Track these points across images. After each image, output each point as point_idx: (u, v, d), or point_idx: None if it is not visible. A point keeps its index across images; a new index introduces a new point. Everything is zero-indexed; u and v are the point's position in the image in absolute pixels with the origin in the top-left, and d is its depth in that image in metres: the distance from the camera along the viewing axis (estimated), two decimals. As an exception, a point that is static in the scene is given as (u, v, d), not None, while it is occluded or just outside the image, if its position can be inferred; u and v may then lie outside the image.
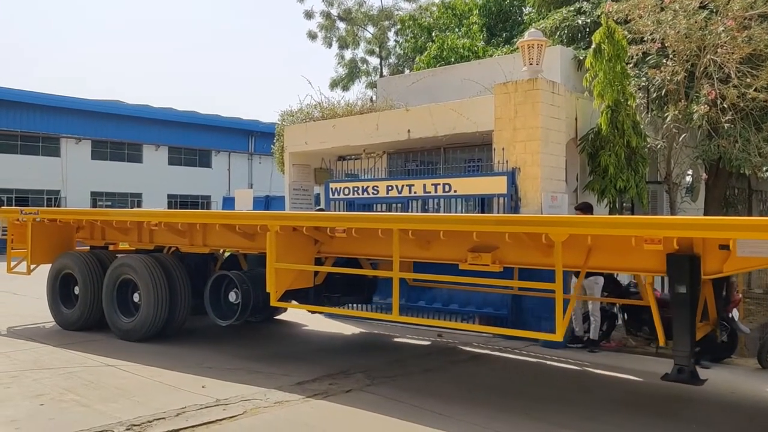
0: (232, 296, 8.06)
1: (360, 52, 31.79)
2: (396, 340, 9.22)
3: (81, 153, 32.94)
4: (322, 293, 8.11)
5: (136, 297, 8.65)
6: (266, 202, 17.67)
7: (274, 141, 15.51)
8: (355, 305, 9.44)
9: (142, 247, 9.33)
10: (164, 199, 34.76)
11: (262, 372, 7.04)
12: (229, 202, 19.89)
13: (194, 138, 37.39)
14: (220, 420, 5.43)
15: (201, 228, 8.47)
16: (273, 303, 7.25)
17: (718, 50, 9.50)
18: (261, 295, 7.67)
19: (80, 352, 7.91)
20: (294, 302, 8.11)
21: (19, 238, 10.13)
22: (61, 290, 9.56)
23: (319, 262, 7.77)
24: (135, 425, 5.24)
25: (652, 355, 7.97)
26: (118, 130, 34.21)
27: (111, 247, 10.16)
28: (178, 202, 35.64)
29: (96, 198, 31.86)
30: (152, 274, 8.42)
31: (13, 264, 10.19)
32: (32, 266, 9.90)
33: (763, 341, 7.79)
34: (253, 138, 39.83)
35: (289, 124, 14.18)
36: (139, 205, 32.60)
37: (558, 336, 5.71)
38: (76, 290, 9.31)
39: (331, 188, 10.65)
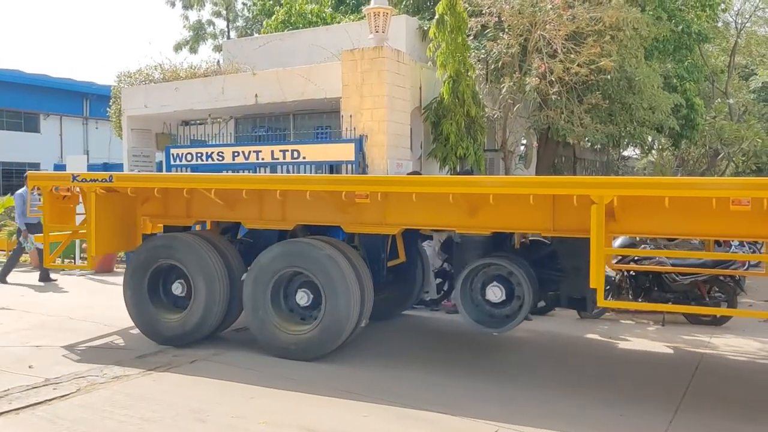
0: (494, 293, 6.08)
1: (206, 14, 30.42)
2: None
3: None
4: None
5: (301, 298, 6.36)
6: (103, 170, 16.48)
7: (110, 104, 14.47)
8: None
9: (265, 226, 6.88)
10: (-17, 166, 31.21)
11: (98, 347, 6.66)
12: (60, 170, 18.31)
13: (18, 99, 33.65)
14: (50, 400, 5.06)
15: (382, 199, 6.14)
16: (601, 303, 5.45)
17: (547, 27, 10.22)
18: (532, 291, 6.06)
19: None
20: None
21: (59, 217, 7.29)
22: (151, 290, 6.93)
23: None
24: (-53, 413, 4.75)
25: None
26: None
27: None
28: (0, 170, 32.14)
29: None
30: (337, 266, 6.12)
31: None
32: (94, 257, 7.19)
33: None
34: (88, 101, 36.68)
35: (127, 86, 13.28)
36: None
37: None
38: (176, 290, 6.84)
39: (172, 154, 10.18)
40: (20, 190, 10.99)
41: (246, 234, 7.43)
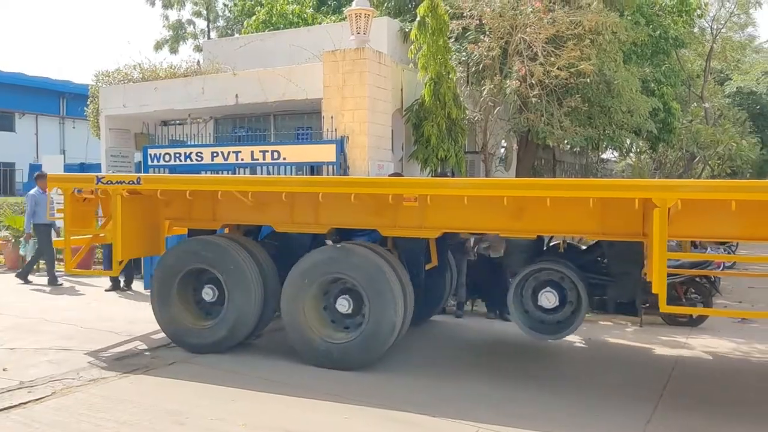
0: (547, 299, 5.92)
1: (186, 14, 30.14)
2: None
3: None
4: None
5: (342, 306, 6.09)
6: (80, 171, 16.25)
7: (88, 103, 14.28)
8: None
9: (297, 230, 6.59)
10: (-45, 166, 30.59)
11: (74, 350, 6.54)
12: (36, 170, 18.03)
13: (-8, 98, 33.14)
14: (25, 403, 4.98)
15: (424, 202, 5.82)
16: (663, 308, 5.17)
17: (527, 29, 10.28)
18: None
19: None
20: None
21: (79, 221, 7.02)
22: (180, 296, 6.68)
23: None
24: None
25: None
26: None
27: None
28: (-26, 170, 31.51)
29: None
30: (384, 276, 5.91)
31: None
32: (120, 262, 6.79)
33: None
34: (65, 100, 36.19)
35: (106, 85, 13.12)
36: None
37: None
38: (207, 295, 6.60)
39: (150, 154, 10.04)
40: (31, 191, 10.71)
41: (267, 236, 7.28)
